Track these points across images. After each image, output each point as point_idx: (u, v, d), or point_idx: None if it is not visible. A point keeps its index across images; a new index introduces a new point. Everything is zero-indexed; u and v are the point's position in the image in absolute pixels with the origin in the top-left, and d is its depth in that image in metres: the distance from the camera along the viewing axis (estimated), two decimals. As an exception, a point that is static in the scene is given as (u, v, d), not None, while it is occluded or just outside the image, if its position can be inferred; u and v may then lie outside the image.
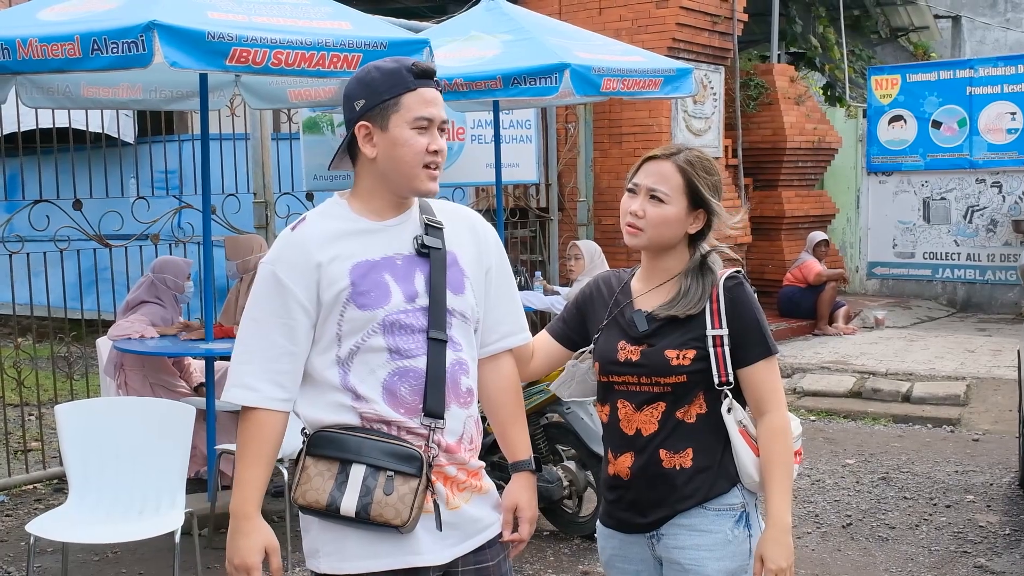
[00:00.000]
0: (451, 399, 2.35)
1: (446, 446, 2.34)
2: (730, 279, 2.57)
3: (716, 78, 11.32)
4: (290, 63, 4.62)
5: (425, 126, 2.32)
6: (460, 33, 6.98)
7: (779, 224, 12.57)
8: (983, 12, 19.31)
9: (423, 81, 2.33)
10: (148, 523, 4.26)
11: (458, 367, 2.38)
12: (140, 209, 6.74)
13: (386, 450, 2.28)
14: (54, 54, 4.39)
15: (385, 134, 2.33)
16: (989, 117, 12.97)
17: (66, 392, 6.76)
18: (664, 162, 2.57)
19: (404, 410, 2.31)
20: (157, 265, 6.26)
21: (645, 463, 2.55)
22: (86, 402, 5.12)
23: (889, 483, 6.50)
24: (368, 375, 2.31)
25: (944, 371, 9.29)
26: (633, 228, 2.56)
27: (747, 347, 2.53)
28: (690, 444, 2.53)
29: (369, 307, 2.30)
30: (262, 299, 2.33)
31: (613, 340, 2.60)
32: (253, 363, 2.31)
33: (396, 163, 2.33)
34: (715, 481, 2.54)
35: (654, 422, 2.54)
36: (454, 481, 2.37)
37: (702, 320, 2.53)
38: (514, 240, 10.20)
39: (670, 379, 2.51)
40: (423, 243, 2.37)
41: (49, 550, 5.14)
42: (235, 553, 2.29)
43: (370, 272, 2.32)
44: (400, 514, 2.25)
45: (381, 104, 2.32)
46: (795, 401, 8.81)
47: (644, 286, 2.65)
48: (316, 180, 7.90)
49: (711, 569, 2.52)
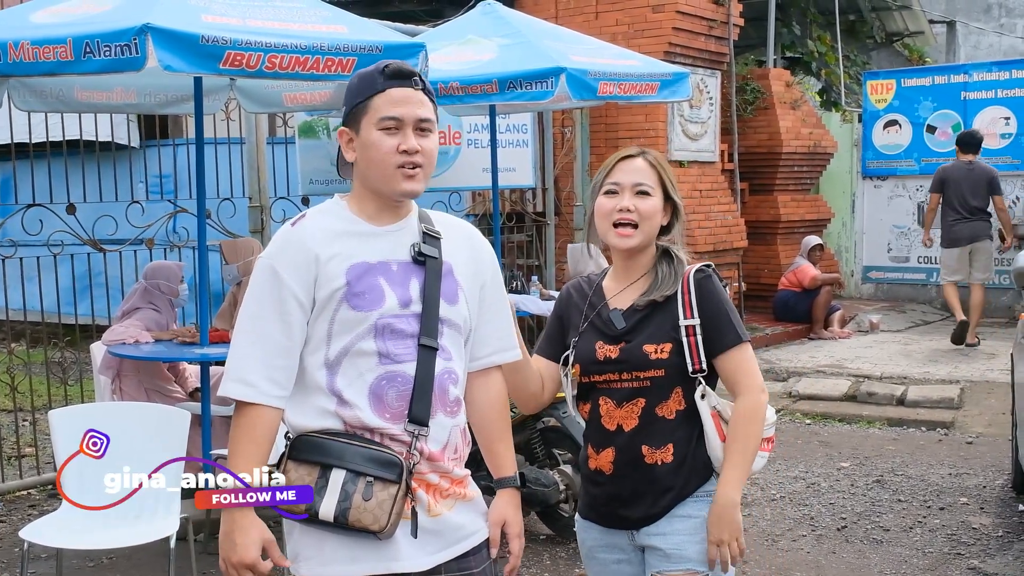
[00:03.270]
0: (438, 407, 2.34)
1: (429, 454, 2.33)
2: (699, 272, 2.68)
3: (712, 82, 11.33)
4: (284, 67, 4.61)
5: (392, 126, 2.31)
6: (456, 37, 6.98)
7: (775, 228, 12.58)
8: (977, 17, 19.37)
9: (394, 82, 2.32)
10: (143, 529, 4.24)
11: (447, 376, 2.37)
12: (135, 213, 6.72)
13: (367, 455, 2.26)
14: (46, 57, 4.37)
15: (359, 138, 2.35)
16: (983, 122, 12.97)
17: (60, 397, 6.75)
18: (637, 159, 2.70)
19: (389, 415, 2.30)
20: (149, 271, 6.23)
21: (627, 458, 2.63)
22: (80, 407, 5.11)
23: (883, 486, 6.51)
24: (356, 379, 2.30)
25: (938, 375, 9.30)
26: (626, 227, 2.65)
27: (718, 335, 2.62)
28: (670, 440, 2.62)
29: (362, 308, 2.29)
30: (260, 295, 2.32)
31: (591, 341, 2.69)
32: (251, 359, 2.29)
33: (369, 165, 2.34)
34: (693, 474, 2.63)
35: (635, 417, 2.63)
36: (436, 488, 2.35)
37: (675, 312, 2.63)
38: (510, 245, 10.19)
39: (649, 372, 2.61)
40: (420, 251, 2.37)
41: (43, 556, 5.12)
42: (232, 551, 2.25)
43: (366, 274, 2.32)
44: (378, 520, 2.24)
45: (353, 108, 2.35)
46: (790, 404, 8.82)
47: (618, 285, 2.75)
48: (312, 184, 7.88)
49: (692, 552, 2.60)
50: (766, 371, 9.74)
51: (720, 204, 11.35)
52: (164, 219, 6.97)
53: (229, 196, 7.44)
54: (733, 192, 11.81)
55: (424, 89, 2.37)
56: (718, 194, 11.38)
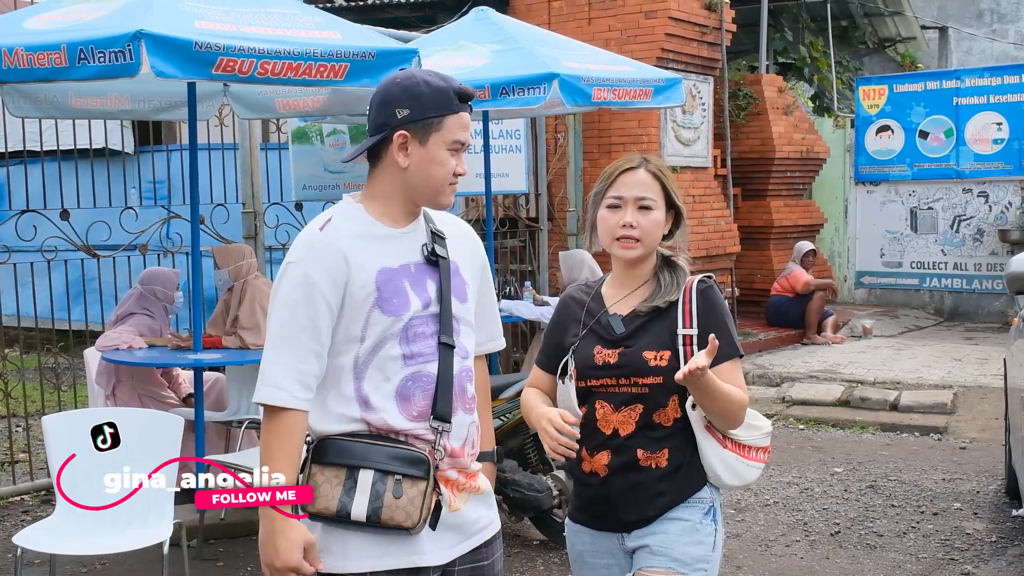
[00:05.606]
0: (458, 404, 2.41)
1: (451, 450, 2.40)
2: (702, 282, 2.68)
3: (705, 88, 11.36)
4: (277, 72, 4.61)
5: (459, 149, 2.41)
6: (449, 43, 6.99)
7: (768, 234, 12.61)
8: (969, 23, 19.43)
9: (465, 106, 2.42)
10: (136, 534, 4.23)
11: (465, 374, 2.45)
12: (128, 219, 6.72)
13: (393, 454, 2.31)
14: (40, 63, 4.38)
15: (422, 148, 2.38)
16: (975, 127, 13.03)
17: (54, 403, 6.73)
18: (639, 171, 2.68)
19: (416, 414, 2.35)
20: (145, 277, 6.23)
21: (622, 461, 2.63)
22: (73, 413, 5.10)
23: (877, 491, 6.52)
24: (383, 382, 2.34)
25: (931, 380, 9.32)
26: (629, 240, 2.65)
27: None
28: (666, 445, 2.62)
29: (393, 312, 2.35)
30: (294, 300, 2.32)
31: (590, 346, 2.68)
32: (283, 363, 2.31)
33: (427, 178, 2.39)
34: (687, 482, 2.64)
35: (631, 423, 2.62)
36: (455, 484, 2.43)
37: (674, 320, 2.63)
38: (503, 250, 10.20)
39: (647, 379, 2.60)
40: (433, 251, 2.44)
41: (36, 562, 5.11)
42: (275, 556, 2.26)
43: (392, 278, 2.37)
44: (411, 516, 2.29)
45: (425, 119, 2.37)
46: (784, 410, 8.83)
47: (618, 292, 2.74)
48: (305, 190, 7.88)
49: (678, 552, 2.60)
50: (760, 376, 9.77)
51: (713, 209, 11.37)
52: (158, 225, 6.96)
53: (223, 202, 7.44)
54: (726, 197, 11.83)
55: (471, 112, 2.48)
56: (711, 199, 11.40)
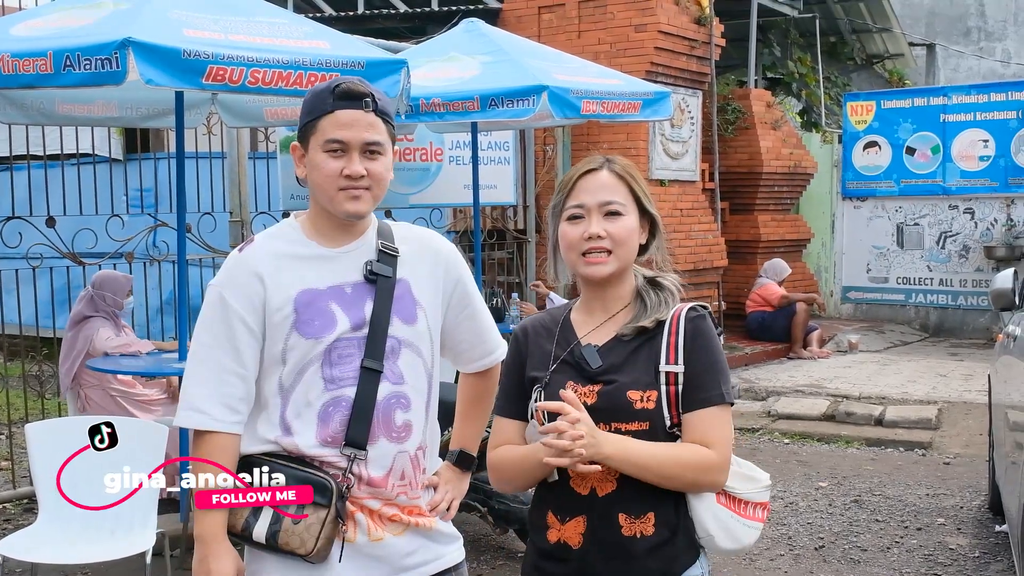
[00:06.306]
0: (380, 432, 2.29)
1: (369, 479, 2.29)
2: (693, 310, 2.24)
3: (694, 102, 11.40)
4: (267, 82, 4.61)
5: (336, 148, 2.26)
6: (439, 54, 7.01)
7: (755, 248, 12.65)
8: (957, 40, 19.56)
9: (343, 103, 2.26)
10: (119, 543, 4.22)
11: (394, 400, 2.32)
12: (115, 227, 6.70)
13: (300, 479, 2.25)
14: (25, 69, 4.36)
15: (307, 156, 2.32)
16: (962, 144, 13.11)
17: (37, 411, 6.70)
18: (601, 172, 2.28)
19: (329, 440, 2.27)
20: (97, 280, 6.20)
21: (601, 530, 2.16)
22: (57, 421, 5.07)
23: (861, 506, 6.53)
24: (305, 407, 2.28)
25: (916, 395, 9.35)
26: (598, 253, 2.21)
27: (702, 388, 2.17)
28: (651, 508, 2.15)
29: (312, 335, 2.27)
30: (210, 321, 2.30)
31: (561, 384, 2.20)
32: (204, 386, 2.28)
33: (316, 186, 2.30)
34: (679, 554, 2.18)
35: (612, 480, 2.15)
36: (379, 514, 2.32)
37: (658, 353, 2.18)
38: (491, 262, 10.21)
39: (632, 425, 2.15)
40: (371, 270, 2.33)
41: (18, 571, 5.07)
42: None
43: (315, 300, 2.28)
44: (305, 543, 2.23)
45: (304, 127, 2.32)
46: (769, 424, 8.84)
47: (591, 319, 2.29)
48: (293, 199, 7.88)
49: None
50: (745, 390, 9.78)
51: (700, 223, 11.40)
52: (144, 233, 6.94)
53: (210, 210, 7.42)
54: (714, 211, 11.87)
55: (377, 110, 2.30)
56: (698, 213, 11.44)
